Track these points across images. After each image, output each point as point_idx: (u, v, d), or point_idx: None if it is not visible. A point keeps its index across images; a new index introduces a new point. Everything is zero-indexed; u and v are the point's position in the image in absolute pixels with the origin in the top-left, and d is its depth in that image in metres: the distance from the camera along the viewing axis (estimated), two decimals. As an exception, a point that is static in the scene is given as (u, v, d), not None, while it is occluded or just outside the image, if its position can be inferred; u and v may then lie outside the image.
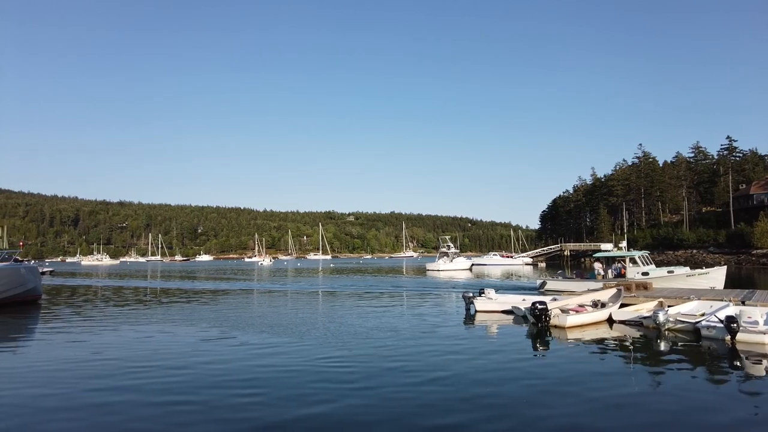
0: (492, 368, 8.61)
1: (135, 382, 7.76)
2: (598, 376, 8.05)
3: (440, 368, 8.54)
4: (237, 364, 8.91)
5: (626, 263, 22.80)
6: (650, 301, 14.81)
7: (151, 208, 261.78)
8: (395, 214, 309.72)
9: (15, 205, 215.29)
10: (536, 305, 13.11)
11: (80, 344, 11.30)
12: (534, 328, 12.89)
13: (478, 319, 15.03)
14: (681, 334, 11.66)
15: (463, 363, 8.97)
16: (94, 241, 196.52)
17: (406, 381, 7.76)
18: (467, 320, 14.78)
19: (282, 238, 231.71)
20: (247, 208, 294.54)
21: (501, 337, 12.15)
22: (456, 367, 8.65)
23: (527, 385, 7.50)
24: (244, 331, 12.84)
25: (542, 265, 68.38)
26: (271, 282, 36.25)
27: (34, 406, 6.64)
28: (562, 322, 12.90)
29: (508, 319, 14.76)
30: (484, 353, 9.84)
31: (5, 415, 6.34)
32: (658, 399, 6.86)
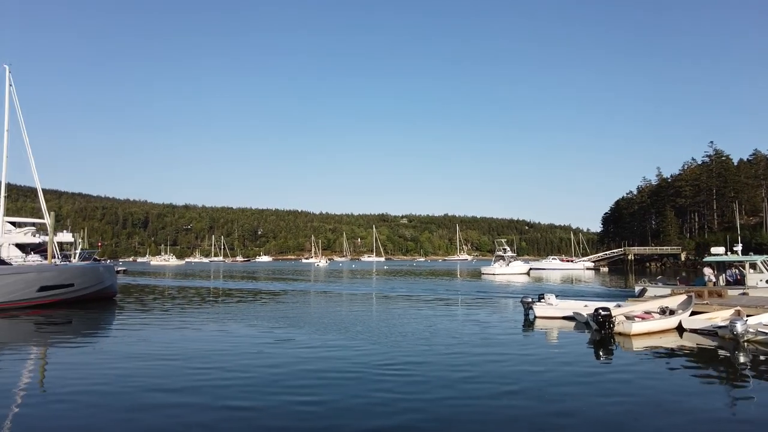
0: (563, 381, 7.97)
1: (194, 383, 7.79)
2: (677, 395, 7.29)
3: (509, 379, 8.08)
4: (296, 368, 8.83)
5: (745, 269, 19.29)
6: (725, 310, 13.79)
7: (214, 211, 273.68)
8: (449, 217, 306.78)
9: (93, 208, 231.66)
10: (599, 311, 12.58)
11: (146, 342, 11.76)
12: (597, 335, 12.37)
13: (538, 325, 14.60)
14: (763, 347, 10.81)
15: (532, 375, 8.46)
16: (161, 243, 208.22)
17: (474, 393, 7.30)
18: (526, 326, 14.37)
19: (337, 240, 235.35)
20: (304, 211, 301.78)
21: (564, 345, 11.64)
22: (525, 379, 8.15)
23: (609, 403, 6.81)
24: (303, 333, 12.97)
25: (604, 270, 65.55)
26: (327, 283, 36.92)
27: (94, 404, 6.79)
28: (626, 329, 12.30)
29: (569, 326, 14.25)
30: (551, 363, 9.31)
31: (65, 410, 6.51)
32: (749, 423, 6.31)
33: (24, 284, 18.75)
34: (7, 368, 9.23)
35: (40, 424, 5.99)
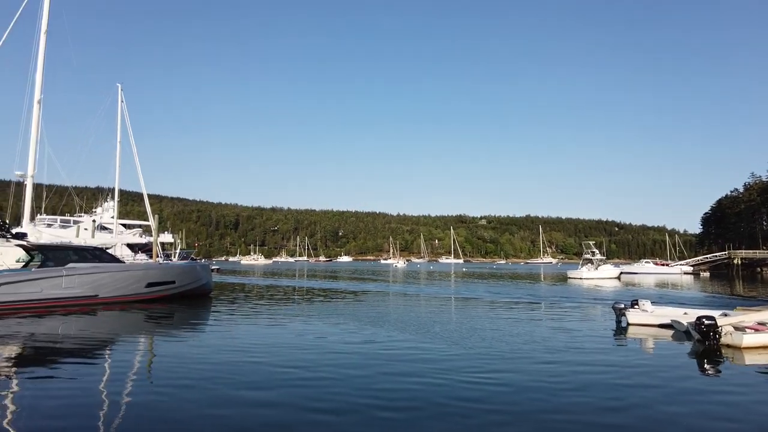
0: (669, 399, 7.14)
1: (278, 383, 7.85)
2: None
3: (610, 394, 7.38)
4: (379, 371, 8.71)
5: None
6: None
7: (298, 213, 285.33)
8: (531, 218, 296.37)
9: (189, 211, 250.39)
10: (702, 320, 11.55)
11: (236, 338, 12.32)
12: (700, 346, 11.37)
13: (631, 333, 13.70)
14: None
15: (634, 389, 7.63)
16: (251, 243, 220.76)
17: (574, 407, 6.63)
18: (619, 334, 13.49)
19: (414, 242, 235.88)
20: (382, 213, 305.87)
21: (663, 357, 10.66)
22: (628, 394, 7.39)
23: (717, 429, 6.04)
24: (385, 334, 13.06)
25: (705, 275, 60.13)
26: (405, 284, 37.12)
27: (183, 397, 7.10)
28: (736, 341, 11.18)
29: (665, 335, 13.23)
30: (653, 378, 8.43)
31: (156, 402, 6.81)
32: None
33: (135, 280, 20.72)
34: (120, 356, 10.28)
35: (135, 413, 6.42)
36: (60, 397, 7.10)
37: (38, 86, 26.58)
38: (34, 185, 26.11)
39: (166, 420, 6.06)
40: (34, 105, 26.44)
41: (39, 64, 26.63)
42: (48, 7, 27.28)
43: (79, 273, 19.03)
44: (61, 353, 10.31)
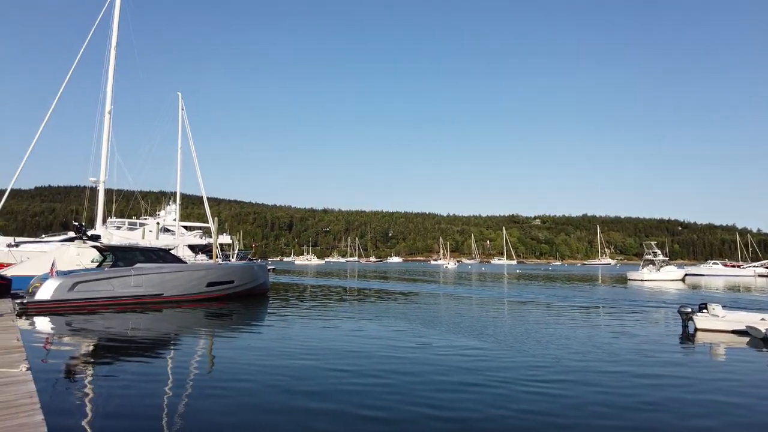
0: (763, 419, 6.49)
1: (329, 387, 7.75)
2: None
3: (694, 409, 6.77)
4: (434, 377, 8.50)
5: None
6: None
7: (349, 214, 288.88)
8: (588, 217, 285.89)
9: (246, 213, 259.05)
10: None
11: (290, 339, 12.57)
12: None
13: (700, 339, 12.94)
14: None
15: (720, 407, 6.93)
16: (304, 243, 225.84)
17: (658, 426, 6.16)
18: (686, 341, 12.73)
19: (465, 242, 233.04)
20: (432, 213, 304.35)
21: (744, 367, 9.71)
22: (717, 411, 6.75)
23: None
24: (438, 337, 12.93)
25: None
26: (456, 286, 36.76)
27: (234, 400, 7.22)
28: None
29: (739, 342, 12.41)
30: (740, 394, 7.66)
31: (208, 407, 6.86)
32: None
33: (197, 280, 21.70)
34: (182, 354, 10.79)
35: (192, 414, 6.62)
36: (124, 396, 7.54)
37: (109, 98, 28.37)
38: (105, 190, 27.91)
39: (221, 424, 6.13)
40: (105, 115, 28.25)
41: (109, 77, 28.45)
42: (117, 25, 29.08)
43: (146, 273, 20.15)
44: (129, 349, 10.97)
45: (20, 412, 4.53)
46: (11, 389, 5.28)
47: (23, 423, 4.21)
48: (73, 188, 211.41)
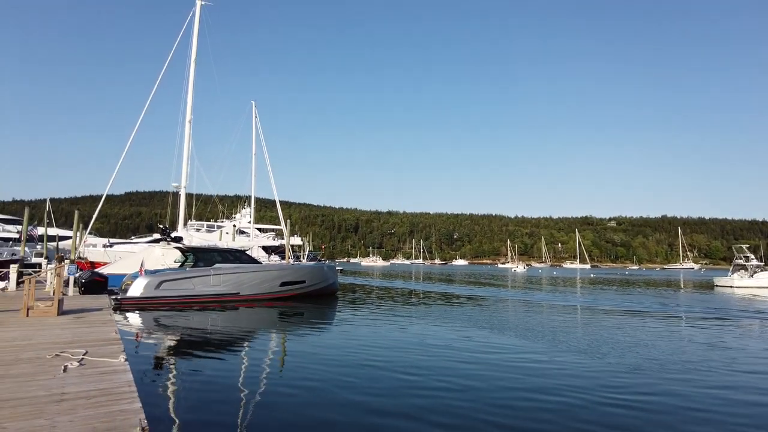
0: None
1: (396, 394, 7.51)
2: None
3: None
4: (502, 386, 8.18)
5: None
6: None
7: (413, 216, 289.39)
8: (668, 219, 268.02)
9: (315, 216, 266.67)
10: None
11: (358, 339, 12.73)
12: None
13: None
14: None
15: None
16: (369, 245, 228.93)
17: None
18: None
19: (535, 245, 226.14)
20: (499, 215, 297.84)
21: None
22: None
23: None
24: (506, 343, 12.61)
25: None
26: (526, 290, 35.70)
27: (304, 400, 7.33)
28: None
29: None
30: None
31: (278, 404, 7.00)
32: None
33: (270, 280, 22.65)
34: (256, 352, 11.29)
35: (263, 411, 6.79)
36: (207, 388, 8.02)
37: (189, 108, 30.29)
38: (186, 195, 29.82)
39: (289, 423, 6.26)
40: (186, 125, 30.17)
41: (189, 89, 30.38)
42: (196, 39, 30.98)
43: (224, 272, 21.29)
44: (210, 344, 11.65)
45: (121, 399, 4.96)
46: (113, 377, 5.80)
47: (124, 409, 4.62)
48: (158, 193, 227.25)
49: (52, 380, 5.64)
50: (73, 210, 31.23)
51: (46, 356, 6.93)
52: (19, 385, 5.46)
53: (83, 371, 6.11)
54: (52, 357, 6.87)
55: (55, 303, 11.72)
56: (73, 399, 4.91)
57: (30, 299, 11.52)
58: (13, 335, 8.79)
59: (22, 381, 5.61)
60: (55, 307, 11.64)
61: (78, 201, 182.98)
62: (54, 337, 8.66)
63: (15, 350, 7.40)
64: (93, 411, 4.53)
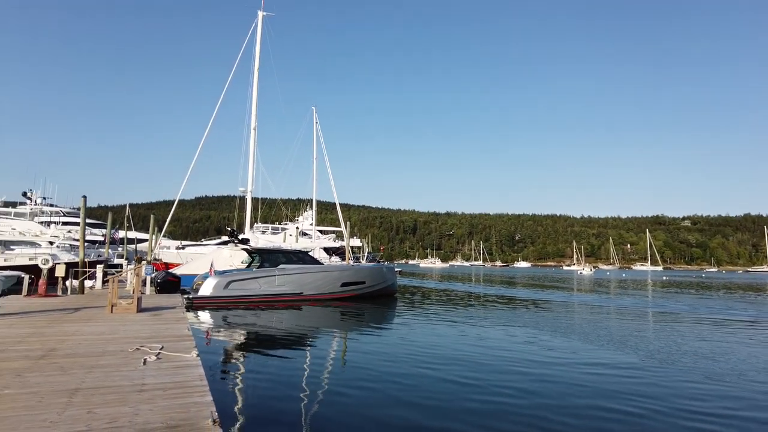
0: None
1: (454, 402, 7.22)
2: None
3: None
4: (573, 402, 7.55)
5: None
6: None
7: (472, 218, 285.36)
8: (751, 217, 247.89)
9: (373, 218, 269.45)
10: None
11: (416, 342, 12.60)
12: None
13: None
14: None
15: None
16: (428, 247, 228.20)
17: None
18: None
19: (602, 246, 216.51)
20: (563, 215, 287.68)
21: None
22: None
23: None
24: (574, 351, 12.02)
25: None
26: (593, 294, 34.20)
27: (362, 401, 7.32)
28: None
29: None
30: None
31: (338, 402, 7.12)
32: None
33: (332, 280, 23.17)
34: (319, 350, 11.56)
35: (323, 409, 6.94)
36: (272, 384, 8.32)
37: (253, 116, 31.57)
38: (251, 199, 31.09)
39: (351, 423, 6.33)
40: (251, 132, 31.47)
41: (253, 97, 31.67)
42: (259, 49, 32.26)
43: (288, 273, 22.00)
44: (275, 342, 12.08)
45: (194, 392, 5.26)
46: (186, 372, 6.16)
47: (197, 401, 4.90)
48: (225, 197, 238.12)
49: (133, 372, 6.08)
50: (150, 215, 33.46)
51: (128, 350, 7.47)
52: (107, 374, 5.93)
53: (160, 365, 6.53)
54: (133, 351, 7.39)
55: (135, 301, 12.58)
56: (152, 390, 5.27)
57: (113, 297, 12.45)
58: (101, 330, 9.55)
59: (108, 371, 6.09)
60: (135, 305, 12.50)
61: (153, 206, 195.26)
62: (134, 332, 9.31)
63: (102, 343, 8.04)
64: (169, 402, 4.84)
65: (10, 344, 7.84)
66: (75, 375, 5.86)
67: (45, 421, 4.18)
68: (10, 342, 8.05)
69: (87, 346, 7.76)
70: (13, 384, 5.42)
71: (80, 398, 4.89)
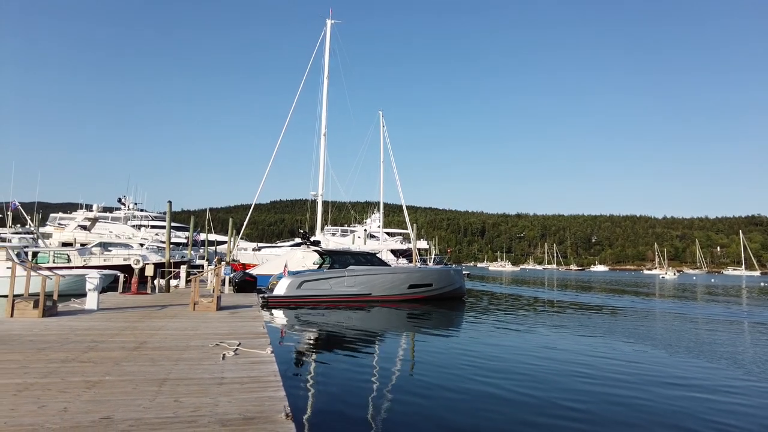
0: None
1: (521, 412, 6.92)
2: None
3: None
4: (651, 414, 7.09)
5: None
6: None
7: (545, 219, 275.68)
8: None
9: (440, 219, 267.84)
10: None
11: (486, 349, 12.19)
12: None
13: None
14: None
15: None
16: (497, 250, 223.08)
17: None
18: None
19: (687, 249, 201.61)
20: (644, 216, 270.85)
21: None
22: None
23: None
24: (660, 366, 11.05)
25: None
26: (678, 301, 31.85)
27: (431, 405, 7.24)
28: None
29: None
30: None
31: (408, 402, 7.16)
32: None
33: (400, 282, 23.34)
34: (387, 351, 11.69)
35: (391, 411, 7.03)
36: (342, 383, 8.52)
37: (323, 122, 32.55)
38: (322, 202, 32.06)
39: (418, 425, 6.32)
40: (321, 138, 32.45)
41: (323, 104, 32.65)
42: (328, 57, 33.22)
43: (357, 274, 22.43)
44: (344, 341, 12.37)
45: (268, 386, 5.54)
46: (261, 367, 6.48)
47: (271, 396, 5.15)
48: (298, 201, 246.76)
49: (214, 366, 6.49)
50: (228, 218, 35.42)
51: (208, 345, 7.98)
52: (190, 367, 6.38)
53: (237, 360, 6.93)
54: (214, 346, 7.88)
55: (215, 299, 13.38)
56: (230, 383, 5.60)
57: (195, 296, 13.32)
58: (184, 326, 10.27)
59: (192, 364, 6.55)
60: (215, 303, 13.29)
61: (232, 210, 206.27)
62: (214, 329, 9.92)
63: (186, 338, 8.64)
64: (246, 395, 5.13)
65: (109, 336, 8.64)
66: (163, 366, 6.37)
67: (139, 406, 4.59)
68: (109, 334, 8.87)
69: (173, 341, 8.38)
70: (112, 371, 5.99)
71: (168, 387, 5.31)
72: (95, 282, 12.87)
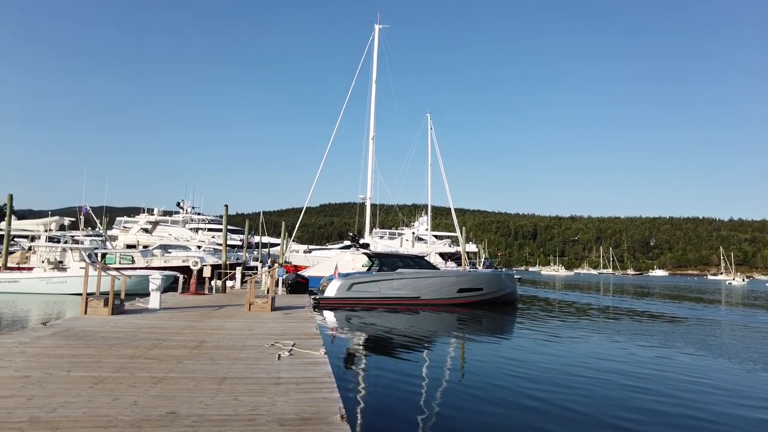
0: None
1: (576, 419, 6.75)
2: None
3: None
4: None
5: None
6: None
7: (600, 222, 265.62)
8: None
9: (489, 222, 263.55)
10: None
11: (537, 358, 11.63)
12: None
13: None
14: None
15: None
16: (549, 253, 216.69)
17: None
18: None
19: (758, 253, 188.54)
20: (707, 218, 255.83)
21: None
22: None
23: None
24: (724, 383, 10.15)
25: None
26: (747, 309, 29.78)
27: (480, 410, 7.18)
28: None
29: None
30: None
31: (457, 405, 7.17)
32: None
33: (449, 286, 23.14)
34: (437, 354, 11.64)
35: (440, 415, 6.99)
36: (393, 385, 8.54)
37: (372, 126, 32.85)
38: (370, 205, 32.33)
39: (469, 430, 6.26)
40: (369, 142, 32.75)
41: (372, 108, 32.95)
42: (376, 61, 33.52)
43: (406, 277, 22.44)
44: (394, 344, 12.42)
45: (323, 387, 5.63)
46: (315, 368, 6.61)
47: (326, 397, 5.24)
48: (347, 204, 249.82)
49: (270, 365, 6.68)
50: (280, 221, 36.38)
51: (264, 345, 8.22)
52: (248, 366, 6.59)
53: (292, 360, 7.09)
54: (269, 346, 8.11)
55: (269, 300, 13.76)
56: (286, 383, 5.74)
57: (251, 296, 13.75)
58: (240, 326, 10.62)
59: (249, 364, 6.77)
60: (269, 304, 13.67)
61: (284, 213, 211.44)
62: (269, 329, 10.21)
63: (243, 338, 8.94)
64: (302, 396, 5.24)
65: (171, 335, 9.07)
66: (222, 365, 6.61)
67: (201, 403, 4.79)
68: (171, 333, 9.31)
69: (230, 340, 8.69)
70: (175, 369, 6.29)
71: (227, 386, 5.51)
72: (158, 282, 13.55)
